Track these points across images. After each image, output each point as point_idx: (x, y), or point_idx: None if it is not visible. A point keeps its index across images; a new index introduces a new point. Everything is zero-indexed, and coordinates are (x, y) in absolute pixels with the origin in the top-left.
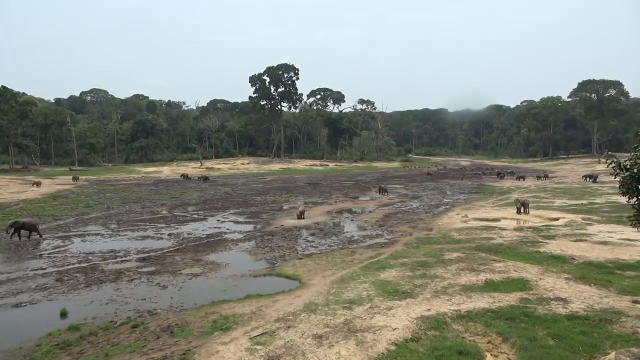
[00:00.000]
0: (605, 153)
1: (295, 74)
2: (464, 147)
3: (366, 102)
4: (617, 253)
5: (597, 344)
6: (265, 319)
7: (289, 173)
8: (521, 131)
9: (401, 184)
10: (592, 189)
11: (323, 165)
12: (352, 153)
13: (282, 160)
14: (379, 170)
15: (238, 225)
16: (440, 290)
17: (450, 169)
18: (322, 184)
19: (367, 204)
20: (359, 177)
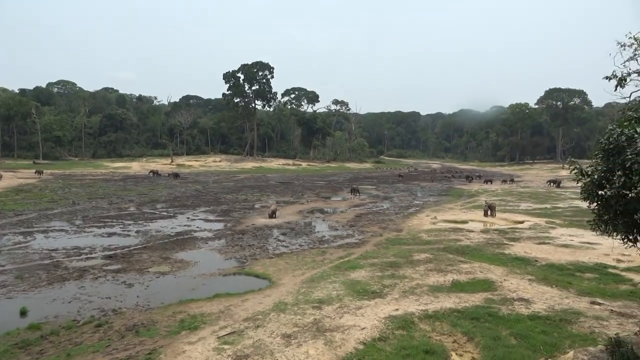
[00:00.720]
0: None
1: (270, 73)
2: (435, 150)
3: (340, 103)
4: (577, 256)
5: (557, 343)
6: (234, 318)
7: (261, 172)
8: (490, 136)
9: (373, 185)
10: (556, 194)
11: (296, 165)
12: (325, 153)
13: (254, 159)
14: (352, 171)
15: (208, 223)
16: (408, 291)
17: (421, 171)
18: (295, 183)
19: (339, 204)
20: (331, 178)
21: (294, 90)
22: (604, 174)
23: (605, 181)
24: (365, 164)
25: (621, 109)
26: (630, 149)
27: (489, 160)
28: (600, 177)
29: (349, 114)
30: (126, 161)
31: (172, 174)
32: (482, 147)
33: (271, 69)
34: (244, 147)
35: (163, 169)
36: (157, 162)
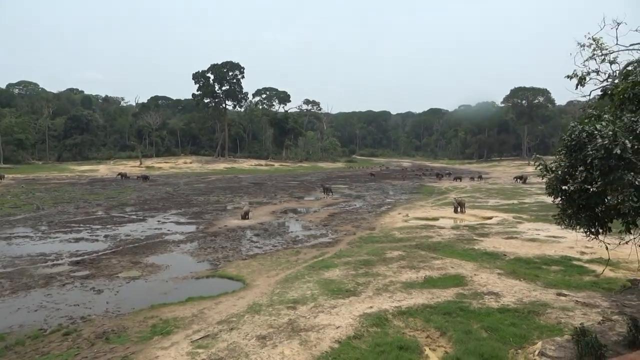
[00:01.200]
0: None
1: (241, 73)
2: (406, 149)
3: (312, 103)
4: (543, 249)
5: (526, 335)
6: (207, 321)
7: (233, 173)
8: (459, 134)
9: (345, 184)
10: (522, 190)
11: (268, 165)
12: (297, 153)
13: (226, 160)
14: (324, 171)
15: (180, 226)
16: (382, 288)
17: (392, 169)
18: (267, 183)
19: (312, 204)
20: (304, 177)
21: (265, 90)
22: (567, 169)
23: (569, 176)
24: (337, 164)
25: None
26: (590, 145)
27: (458, 158)
28: (563, 172)
29: (320, 113)
30: (93, 164)
31: (141, 176)
32: (451, 145)
33: (241, 69)
34: (215, 148)
35: (132, 172)
36: (126, 165)
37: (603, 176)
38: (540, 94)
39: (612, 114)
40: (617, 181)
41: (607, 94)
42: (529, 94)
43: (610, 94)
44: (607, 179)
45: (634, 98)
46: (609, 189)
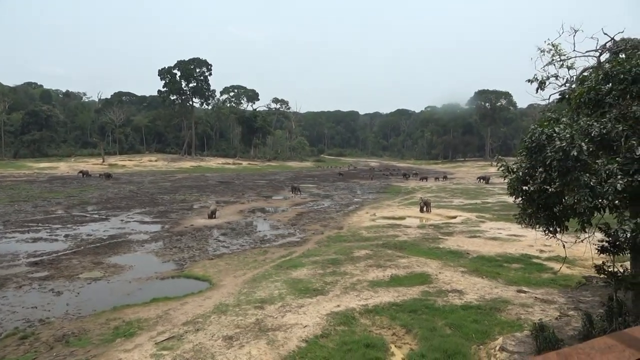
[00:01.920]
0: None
1: (208, 70)
2: (374, 149)
3: (280, 102)
4: (505, 247)
5: (488, 331)
6: (172, 322)
7: (200, 171)
8: (425, 135)
9: (314, 183)
10: (486, 190)
11: (236, 164)
12: (265, 152)
13: (193, 158)
14: (293, 170)
15: (144, 225)
16: (349, 287)
17: (360, 169)
18: (235, 182)
19: (280, 203)
20: (272, 177)
21: (233, 88)
22: (527, 170)
23: (529, 177)
24: (306, 163)
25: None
26: (549, 147)
27: (424, 158)
28: (524, 173)
29: (289, 112)
30: (53, 161)
31: (103, 174)
32: (417, 145)
33: (209, 66)
34: (181, 146)
35: (94, 169)
36: (87, 162)
37: (561, 177)
38: (503, 97)
39: (570, 117)
40: (574, 182)
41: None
42: (492, 97)
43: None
44: (564, 180)
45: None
46: (566, 190)
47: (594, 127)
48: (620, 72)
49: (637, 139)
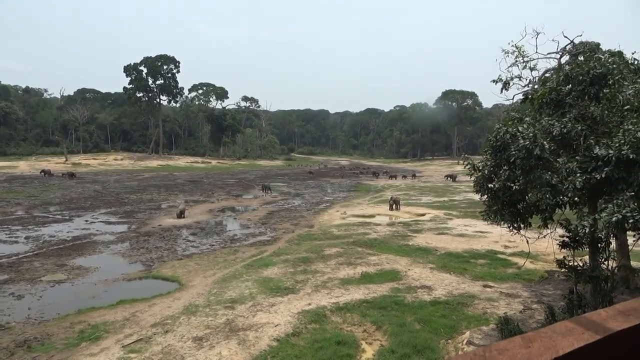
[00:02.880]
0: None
1: (176, 67)
2: (344, 148)
3: (250, 100)
4: (471, 244)
5: (455, 325)
6: (140, 324)
7: (168, 170)
8: (394, 134)
9: (284, 182)
10: (453, 187)
11: (205, 163)
12: (235, 151)
13: (160, 157)
14: (263, 169)
15: (110, 225)
16: (320, 285)
17: (330, 168)
18: (204, 181)
19: (251, 202)
20: (242, 175)
21: (202, 86)
22: (492, 168)
23: (494, 175)
24: (276, 162)
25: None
26: (513, 146)
27: (393, 157)
28: (489, 171)
29: (259, 111)
30: (12, 160)
31: (67, 173)
32: (387, 144)
33: (177, 63)
34: (148, 144)
35: (56, 169)
36: (50, 161)
37: (524, 175)
38: (469, 97)
39: (533, 117)
40: (536, 180)
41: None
42: (458, 97)
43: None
44: (527, 178)
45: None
46: (529, 187)
47: (555, 127)
48: (579, 74)
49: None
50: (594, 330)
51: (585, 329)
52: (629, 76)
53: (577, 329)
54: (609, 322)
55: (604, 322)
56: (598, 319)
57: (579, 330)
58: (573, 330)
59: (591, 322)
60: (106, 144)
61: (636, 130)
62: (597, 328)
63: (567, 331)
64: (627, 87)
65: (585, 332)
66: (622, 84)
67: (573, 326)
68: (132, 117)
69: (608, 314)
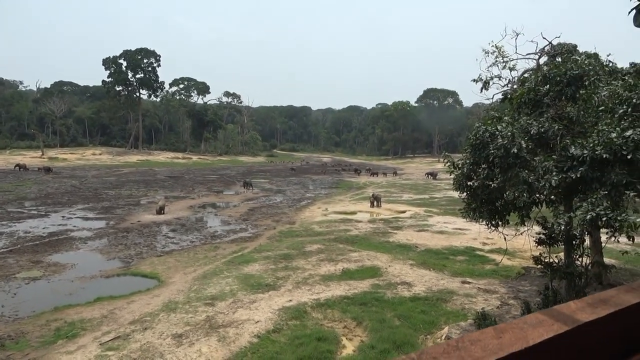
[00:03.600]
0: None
1: (157, 60)
2: (326, 144)
3: (232, 95)
4: (451, 241)
5: (434, 321)
6: (118, 322)
7: (148, 165)
8: (376, 131)
9: (266, 178)
10: (433, 185)
11: (186, 158)
12: (216, 146)
13: (140, 152)
14: (244, 165)
15: (88, 221)
16: (301, 281)
17: (312, 164)
18: (185, 177)
19: (232, 199)
20: (223, 171)
21: (183, 80)
22: (471, 166)
23: (473, 173)
24: (258, 158)
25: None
26: (492, 145)
27: (375, 155)
28: (468, 169)
29: (241, 106)
30: None
31: (43, 168)
32: (369, 142)
33: (157, 57)
34: (127, 139)
35: (32, 163)
36: (25, 155)
37: (502, 173)
38: (450, 96)
39: (511, 116)
40: (514, 178)
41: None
42: (439, 95)
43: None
44: (505, 176)
45: (529, 102)
46: (507, 185)
47: (533, 126)
48: (557, 75)
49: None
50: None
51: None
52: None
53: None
54: (577, 314)
55: (573, 314)
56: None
57: (549, 322)
58: (543, 321)
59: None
60: (84, 138)
61: (609, 131)
62: (566, 319)
63: (538, 322)
64: (602, 89)
65: (554, 323)
66: (598, 85)
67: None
68: (111, 111)
69: (577, 306)
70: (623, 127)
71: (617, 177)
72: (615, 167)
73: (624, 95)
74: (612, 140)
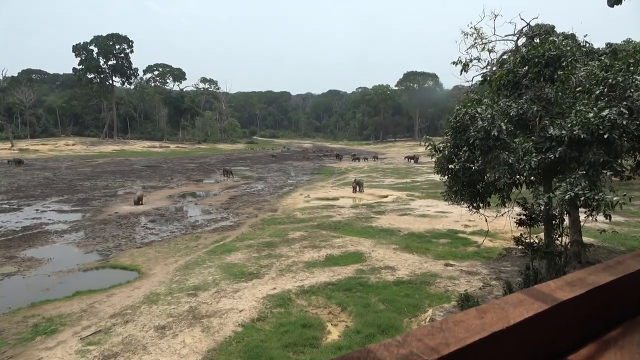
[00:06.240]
0: (424, 137)
1: (129, 46)
2: (306, 130)
3: (209, 81)
4: (433, 224)
5: (418, 304)
6: (99, 316)
7: (124, 155)
8: (356, 116)
9: (246, 166)
10: (415, 169)
11: (163, 147)
12: (194, 134)
13: (115, 142)
14: (224, 152)
15: (63, 214)
16: (285, 269)
17: (293, 151)
18: (163, 167)
19: (212, 187)
20: (202, 160)
21: (158, 67)
22: (452, 149)
23: (454, 156)
24: (237, 145)
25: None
26: (472, 127)
27: (356, 139)
28: (449, 152)
29: (218, 93)
30: None
31: (13, 160)
32: (349, 126)
33: (130, 42)
34: (101, 128)
35: (2, 155)
36: None
37: (483, 155)
38: (430, 79)
39: (491, 98)
40: (494, 160)
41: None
42: (420, 78)
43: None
44: (486, 158)
45: (508, 84)
46: (488, 167)
47: (512, 108)
48: (535, 56)
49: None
50: (543, 301)
51: (535, 299)
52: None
53: (528, 299)
54: (556, 293)
55: (552, 293)
56: (547, 289)
57: (529, 301)
58: (524, 301)
59: (540, 293)
60: (56, 128)
61: (587, 111)
62: (546, 298)
63: (519, 302)
64: (579, 69)
65: (535, 302)
66: (575, 66)
67: (524, 297)
68: (84, 99)
69: (556, 284)
70: (600, 107)
71: (594, 156)
72: (592, 146)
73: (600, 75)
74: (589, 120)
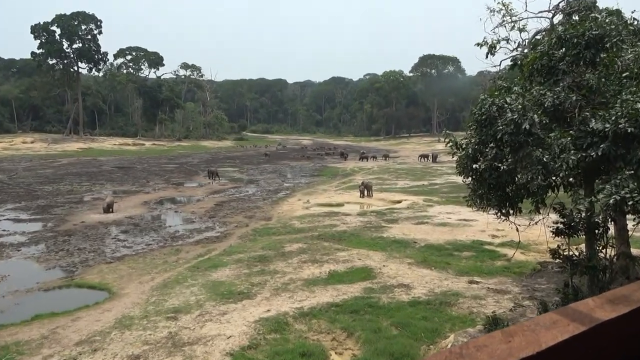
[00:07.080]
0: (444, 132)
1: (97, 27)
2: (305, 124)
3: (191, 68)
4: (455, 234)
5: (438, 328)
6: (62, 343)
7: (91, 155)
8: (364, 107)
9: (235, 166)
10: (433, 169)
11: (137, 145)
12: (174, 130)
13: (81, 139)
14: (209, 151)
15: (20, 224)
16: (280, 287)
17: (290, 148)
18: (137, 168)
19: (195, 192)
20: (183, 159)
21: (131, 51)
22: (477, 146)
23: (479, 154)
24: (225, 142)
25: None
26: (501, 120)
27: (364, 135)
28: (474, 150)
29: (202, 81)
30: None
31: None
32: (356, 119)
33: (98, 22)
34: (65, 123)
35: None
36: None
37: (513, 153)
38: (450, 63)
39: (522, 86)
40: (526, 158)
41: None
42: (438, 63)
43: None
44: (516, 156)
45: (542, 69)
46: (519, 167)
47: (547, 97)
48: (574, 36)
49: (590, 110)
50: (580, 322)
51: (571, 320)
52: (628, 39)
53: (562, 320)
54: (596, 312)
55: (591, 312)
56: (585, 309)
57: (564, 322)
58: (558, 322)
59: (577, 313)
60: (11, 123)
61: (635, 100)
62: (584, 319)
63: (552, 323)
64: (626, 52)
65: (570, 323)
66: (621, 48)
67: (558, 318)
68: (44, 89)
69: (596, 303)
70: None
71: None
72: None
73: None
74: (637, 111)
